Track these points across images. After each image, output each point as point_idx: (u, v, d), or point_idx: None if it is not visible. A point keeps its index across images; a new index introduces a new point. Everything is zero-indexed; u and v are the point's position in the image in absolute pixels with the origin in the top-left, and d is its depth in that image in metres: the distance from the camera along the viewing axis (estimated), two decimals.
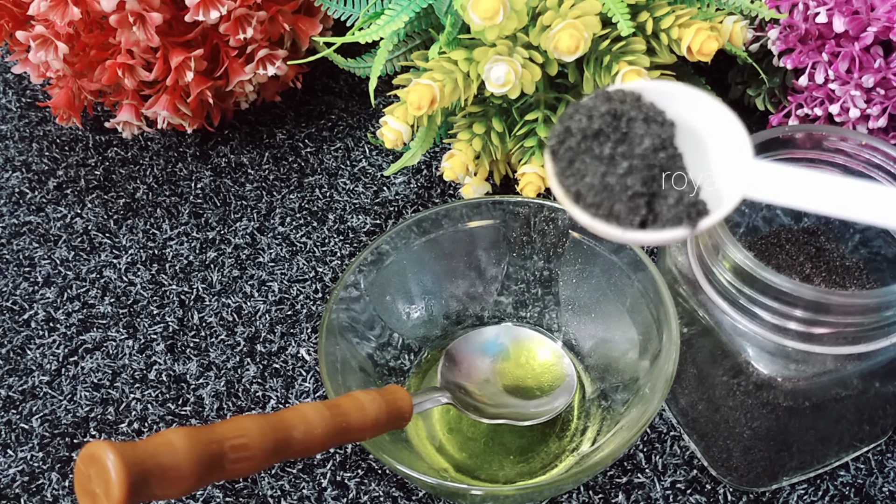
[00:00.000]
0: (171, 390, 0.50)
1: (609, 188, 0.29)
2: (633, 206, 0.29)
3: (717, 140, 0.30)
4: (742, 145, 0.30)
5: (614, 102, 0.29)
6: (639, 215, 0.29)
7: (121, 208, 0.59)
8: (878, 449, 0.45)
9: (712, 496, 0.44)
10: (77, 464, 0.27)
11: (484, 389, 0.45)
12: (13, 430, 0.49)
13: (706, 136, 0.30)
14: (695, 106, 0.30)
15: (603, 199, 0.29)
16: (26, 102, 0.68)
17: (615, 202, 0.29)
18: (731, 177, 0.30)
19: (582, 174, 0.29)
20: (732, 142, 0.30)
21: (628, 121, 0.29)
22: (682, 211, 0.29)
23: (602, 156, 0.29)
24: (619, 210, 0.29)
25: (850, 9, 0.46)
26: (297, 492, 0.45)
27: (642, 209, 0.29)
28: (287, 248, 0.56)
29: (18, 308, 0.54)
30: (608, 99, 0.30)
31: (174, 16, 0.54)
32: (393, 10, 0.48)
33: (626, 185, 0.28)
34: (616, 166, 0.29)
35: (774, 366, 0.37)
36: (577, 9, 0.45)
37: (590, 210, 0.29)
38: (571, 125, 0.29)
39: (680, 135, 0.30)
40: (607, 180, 0.29)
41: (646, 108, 0.30)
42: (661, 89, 0.30)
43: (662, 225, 0.29)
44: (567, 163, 0.30)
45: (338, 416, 0.34)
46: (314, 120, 0.64)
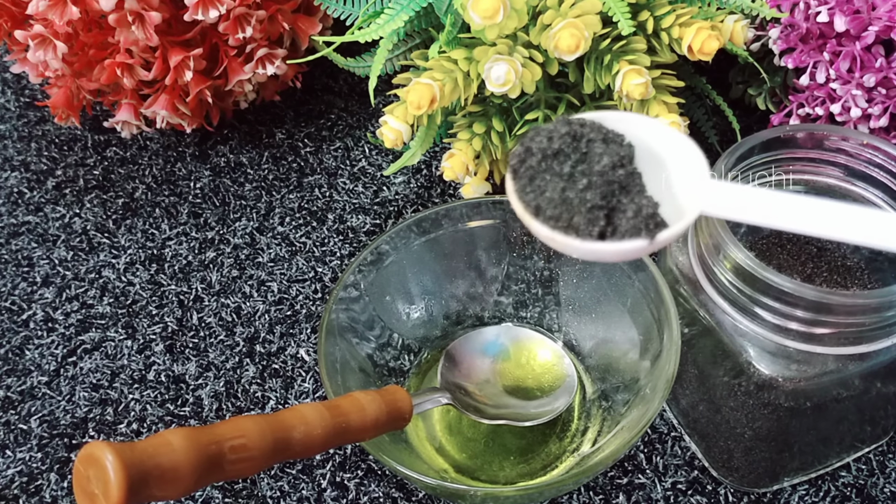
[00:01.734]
0: (170, 391, 0.50)
1: (568, 201, 0.29)
2: (591, 217, 0.29)
3: (675, 163, 0.31)
4: (700, 168, 0.31)
5: (574, 126, 0.30)
6: (597, 226, 0.29)
7: (120, 208, 0.59)
8: (879, 449, 0.45)
9: (713, 497, 0.43)
10: (76, 464, 0.27)
11: (484, 390, 0.45)
12: (12, 431, 0.48)
13: (666, 159, 0.31)
14: (654, 133, 0.31)
15: (562, 212, 0.29)
16: (25, 102, 0.67)
17: (574, 214, 0.29)
18: (689, 194, 0.30)
19: (542, 190, 0.30)
20: (690, 165, 0.31)
21: (588, 141, 0.30)
22: (641, 222, 0.29)
23: (562, 173, 0.30)
24: (577, 222, 0.29)
25: (851, 8, 0.45)
26: (297, 492, 0.45)
27: (601, 221, 0.29)
28: (286, 248, 0.56)
29: (17, 308, 0.54)
30: (568, 123, 0.30)
31: (173, 15, 0.54)
32: (392, 9, 0.48)
33: (585, 198, 0.29)
34: (576, 182, 0.29)
35: (775, 366, 0.37)
36: (577, 8, 0.45)
37: (549, 223, 0.30)
38: (532, 146, 0.30)
39: (641, 157, 0.31)
40: (567, 194, 0.29)
41: (605, 131, 0.30)
42: (622, 118, 0.31)
43: (621, 237, 0.29)
44: (528, 180, 0.30)
45: (337, 416, 0.34)
46: (314, 119, 0.64)
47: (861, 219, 0.29)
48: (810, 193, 0.42)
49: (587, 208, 0.29)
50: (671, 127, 0.31)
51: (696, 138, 0.60)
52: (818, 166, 0.41)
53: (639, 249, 0.29)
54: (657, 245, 0.29)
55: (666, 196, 0.31)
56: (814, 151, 0.41)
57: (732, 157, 0.39)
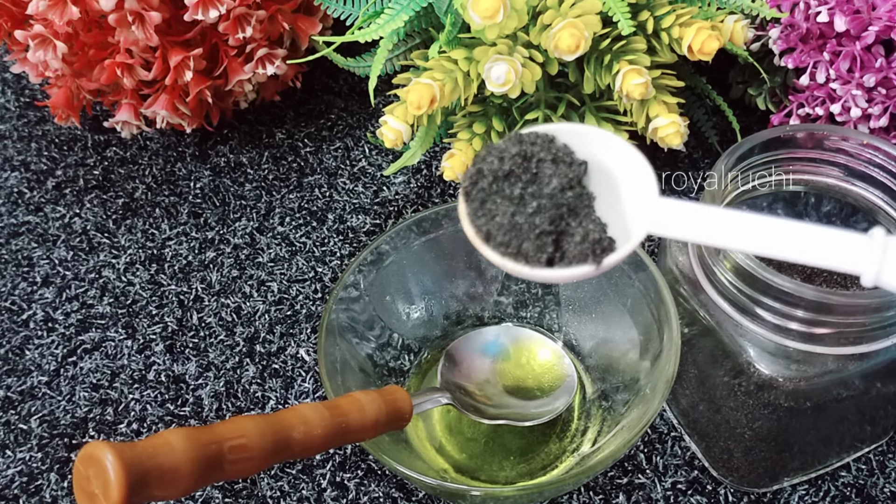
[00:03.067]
0: (170, 391, 0.50)
1: (517, 227, 0.30)
2: (540, 244, 0.30)
3: (626, 178, 0.31)
4: (649, 183, 0.31)
5: (525, 144, 0.31)
6: (545, 253, 0.30)
7: (119, 208, 0.59)
8: (879, 449, 0.45)
9: (713, 497, 0.43)
10: (76, 464, 0.27)
11: (484, 390, 0.45)
12: (12, 431, 0.48)
13: (617, 175, 0.32)
14: (606, 146, 0.32)
15: (511, 238, 0.30)
16: (25, 102, 0.67)
17: (523, 241, 0.30)
18: (638, 214, 0.31)
19: (492, 214, 0.30)
20: (640, 180, 0.31)
21: (538, 161, 0.30)
22: (588, 248, 0.30)
23: (512, 196, 0.30)
24: (526, 248, 0.30)
25: (851, 8, 0.45)
26: (297, 493, 0.45)
27: (549, 247, 0.30)
28: (286, 248, 0.56)
29: (17, 308, 0.54)
30: (520, 141, 0.31)
31: (173, 15, 0.54)
32: (392, 9, 0.47)
33: (534, 224, 0.30)
34: (525, 206, 0.30)
35: (776, 366, 0.37)
36: (577, 8, 0.45)
37: (499, 249, 0.30)
38: (483, 167, 0.31)
39: (593, 173, 0.31)
40: (516, 220, 0.30)
41: (555, 149, 0.31)
42: (574, 130, 0.32)
43: (569, 262, 0.30)
44: (479, 203, 0.31)
45: (337, 416, 0.34)
46: (314, 119, 0.64)
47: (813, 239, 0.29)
48: (810, 193, 0.42)
49: (536, 234, 0.30)
50: (623, 141, 0.32)
51: (696, 138, 0.60)
52: (818, 166, 0.41)
53: (585, 274, 0.30)
54: (603, 269, 0.30)
55: (617, 214, 0.31)
56: (814, 151, 0.41)
57: (732, 157, 0.39)
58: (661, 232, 0.31)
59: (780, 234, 0.29)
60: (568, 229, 0.30)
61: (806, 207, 0.43)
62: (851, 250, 0.29)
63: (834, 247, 0.29)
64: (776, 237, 0.29)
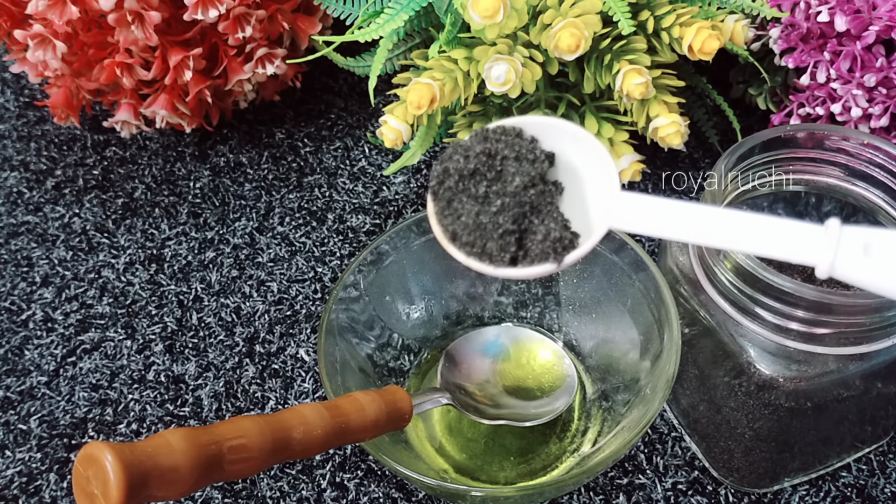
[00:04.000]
0: (169, 391, 0.49)
1: (482, 227, 0.31)
2: (503, 243, 0.31)
3: (590, 172, 0.32)
4: (611, 178, 0.31)
5: (490, 142, 0.31)
6: (508, 253, 0.31)
7: (119, 208, 0.59)
8: (879, 449, 0.45)
9: (713, 497, 0.43)
10: (75, 465, 0.27)
11: (484, 390, 0.45)
12: (11, 431, 0.48)
13: (581, 169, 0.32)
14: (572, 139, 0.32)
15: (476, 239, 0.31)
16: (24, 102, 0.67)
17: (487, 241, 0.31)
18: (600, 209, 0.32)
19: (458, 214, 0.31)
20: (603, 174, 0.32)
21: (502, 159, 0.31)
22: (549, 247, 0.31)
23: (477, 195, 0.31)
24: (490, 248, 0.31)
25: (851, 7, 0.45)
26: (297, 493, 0.45)
27: (511, 247, 0.31)
28: (286, 247, 0.56)
29: (16, 308, 0.54)
30: (485, 138, 0.32)
31: (173, 14, 0.54)
32: (392, 9, 0.47)
33: (497, 223, 0.31)
34: (489, 205, 0.31)
35: (776, 366, 0.37)
36: (577, 7, 0.45)
37: (465, 249, 0.31)
38: (450, 166, 0.31)
39: (562, 164, 0.32)
40: (480, 219, 0.31)
41: (519, 146, 0.31)
42: (541, 123, 0.32)
43: (531, 261, 0.31)
44: (446, 202, 0.32)
45: (337, 417, 0.34)
46: (313, 119, 0.64)
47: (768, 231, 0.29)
48: (811, 193, 0.42)
49: (499, 234, 0.31)
50: (588, 135, 0.32)
51: (696, 138, 0.60)
52: (819, 166, 0.41)
53: (547, 271, 0.31)
54: (565, 266, 0.31)
55: (580, 208, 0.32)
56: (814, 151, 0.41)
57: (733, 157, 0.39)
58: (621, 227, 0.31)
59: (735, 227, 0.29)
60: (531, 227, 0.31)
61: (806, 207, 0.43)
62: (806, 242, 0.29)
63: (789, 239, 0.29)
64: (731, 230, 0.29)
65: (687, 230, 0.30)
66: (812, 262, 0.29)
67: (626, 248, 0.42)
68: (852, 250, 0.28)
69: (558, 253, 0.31)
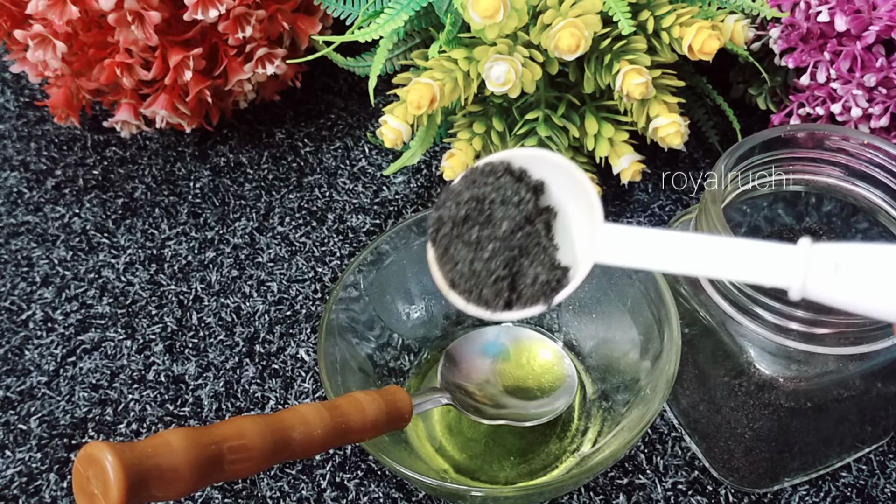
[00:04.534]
0: (169, 391, 0.49)
1: (477, 274, 0.33)
2: (497, 289, 0.33)
3: (574, 203, 0.33)
4: (594, 209, 0.32)
5: (478, 185, 0.33)
6: (503, 299, 0.33)
7: (119, 208, 0.59)
8: (879, 450, 0.45)
9: (714, 497, 0.43)
10: (75, 465, 0.27)
11: (484, 390, 0.45)
12: (11, 431, 0.48)
13: (566, 201, 0.34)
14: (557, 170, 0.33)
15: (472, 287, 0.33)
16: (24, 102, 0.67)
17: (483, 287, 0.33)
18: (585, 241, 0.33)
19: (455, 261, 0.33)
20: (586, 206, 0.33)
21: (490, 203, 0.33)
22: (539, 291, 0.33)
23: (470, 241, 0.33)
24: (486, 295, 0.33)
25: (851, 7, 0.45)
26: (297, 493, 0.45)
27: (505, 292, 0.33)
28: (286, 247, 0.56)
29: (16, 308, 0.54)
30: (473, 182, 0.33)
31: (173, 14, 0.53)
32: (392, 9, 0.47)
33: (490, 269, 0.33)
34: (482, 250, 0.33)
35: (776, 366, 0.37)
36: (577, 7, 0.45)
37: (464, 296, 0.34)
38: (443, 213, 0.34)
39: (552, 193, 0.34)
40: (475, 266, 0.33)
41: (504, 189, 0.33)
42: (528, 155, 0.34)
43: (524, 304, 0.33)
44: (443, 249, 0.34)
45: (337, 417, 0.33)
46: (313, 119, 0.64)
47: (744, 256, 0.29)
48: (811, 193, 0.42)
49: (493, 280, 0.33)
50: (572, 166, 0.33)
51: (696, 138, 0.60)
52: (819, 166, 0.41)
53: (539, 311, 0.33)
54: (554, 305, 0.33)
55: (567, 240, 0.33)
56: (814, 151, 0.41)
57: (733, 157, 0.39)
58: (605, 261, 0.32)
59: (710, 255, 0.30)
60: (522, 269, 0.33)
61: (806, 207, 0.43)
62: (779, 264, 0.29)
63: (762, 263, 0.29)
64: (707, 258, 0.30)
65: (666, 261, 0.31)
66: (784, 285, 0.29)
67: None
68: (823, 270, 0.28)
69: (548, 295, 0.33)
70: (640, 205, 0.56)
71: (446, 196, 0.34)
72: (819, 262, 0.28)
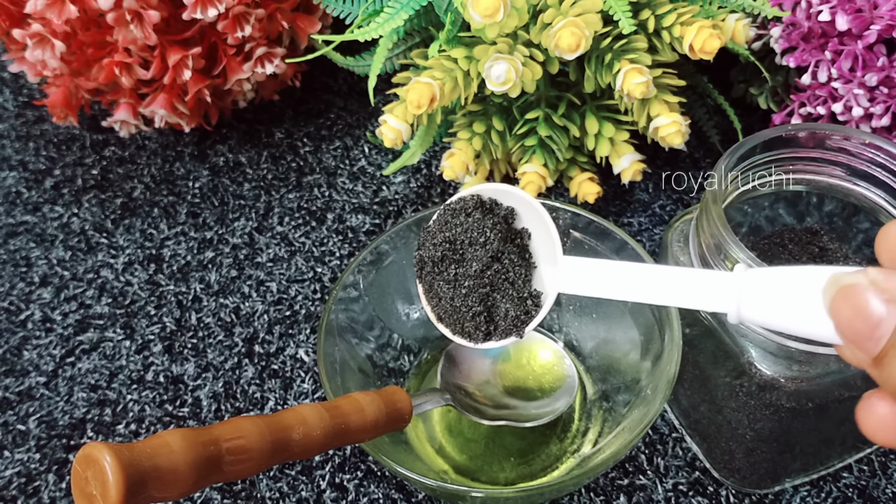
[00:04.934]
0: (168, 391, 0.49)
1: (457, 310, 0.37)
2: (476, 323, 0.37)
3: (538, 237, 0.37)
4: (554, 243, 0.36)
5: (450, 227, 0.37)
6: (481, 331, 0.37)
7: (118, 208, 0.59)
8: (881, 450, 0.45)
9: (714, 498, 0.43)
10: (74, 465, 0.27)
11: (484, 390, 0.45)
12: (10, 432, 0.48)
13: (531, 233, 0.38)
14: (521, 203, 0.37)
15: (455, 322, 0.38)
16: (23, 101, 0.67)
17: (464, 322, 0.37)
18: (549, 272, 0.37)
19: (439, 297, 0.38)
20: (548, 238, 0.36)
21: (461, 243, 0.37)
22: (511, 324, 0.37)
23: (449, 279, 0.37)
24: (468, 328, 0.37)
25: (853, 7, 0.45)
26: (296, 494, 0.45)
27: (483, 325, 0.37)
28: (285, 247, 0.56)
29: (15, 308, 0.54)
30: (445, 223, 0.37)
31: (172, 14, 0.53)
32: (392, 8, 0.47)
33: (468, 305, 0.37)
34: (460, 287, 0.37)
35: (777, 367, 0.37)
36: (578, 6, 0.45)
37: (449, 328, 0.38)
38: (423, 254, 0.38)
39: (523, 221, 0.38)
40: (455, 303, 0.37)
41: (472, 230, 0.37)
42: (495, 189, 0.38)
43: (500, 335, 0.37)
44: (428, 286, 0.38)
45: (337, 417, 0.33)
46: (313, 119, 0.64)
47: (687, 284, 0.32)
48: (812, 193, 0.42)
49: (471, 315, 0.37)
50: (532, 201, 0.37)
51: (697, 138, 0.60)
52: (820, 166, 0.41)
53: (514, 341, 0.37)
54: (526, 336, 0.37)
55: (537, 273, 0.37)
56: (815, 151, 0.40)
57: (734, 157, 0.39)
58: (567, 290, 0.35)
59: (660, 285, 0.33)
60: (496, 302, 0.37)
61: (808, 207, 0.43)
62: (718, 292, 0.31)
63: (705, 291, 0.31)
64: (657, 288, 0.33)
65: (620, 291, 0.34)
66: (723, 310, 0.30)
67: (627, 247, 0.42)
68: (751, 295, 0.29)
69: (518, 327, 0.37)
70: (640, 204, 0.56)
71: (424, 237, 0.38)
72: (749, 287, 0.29)
